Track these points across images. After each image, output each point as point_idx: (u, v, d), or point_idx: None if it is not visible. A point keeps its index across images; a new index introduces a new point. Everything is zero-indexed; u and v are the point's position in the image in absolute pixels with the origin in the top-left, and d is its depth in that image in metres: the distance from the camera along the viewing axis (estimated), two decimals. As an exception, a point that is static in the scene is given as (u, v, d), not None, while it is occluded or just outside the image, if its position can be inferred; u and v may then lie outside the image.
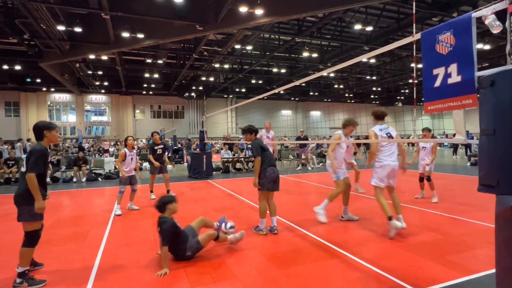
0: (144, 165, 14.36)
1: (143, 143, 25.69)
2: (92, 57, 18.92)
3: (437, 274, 3.16)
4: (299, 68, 25.07)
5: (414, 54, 3.54)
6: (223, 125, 37.11)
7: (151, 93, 34.24)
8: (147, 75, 25.69)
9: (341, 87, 33.16)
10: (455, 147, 18.82)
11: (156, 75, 26.48)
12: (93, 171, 11.67)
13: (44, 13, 12.04)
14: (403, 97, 39.60)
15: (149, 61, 21.98)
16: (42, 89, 30.65)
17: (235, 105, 18.83)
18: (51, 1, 11.31)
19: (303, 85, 31.80)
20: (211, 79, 29.16)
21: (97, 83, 28.45)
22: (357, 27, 14.91)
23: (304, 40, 18.56)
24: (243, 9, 11.07)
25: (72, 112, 34.10)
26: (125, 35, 13.60)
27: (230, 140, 21.17)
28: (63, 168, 11.48)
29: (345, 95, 37.58)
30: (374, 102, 43.94)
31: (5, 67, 21.39)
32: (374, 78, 29.12)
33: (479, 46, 17.30)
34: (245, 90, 33.50)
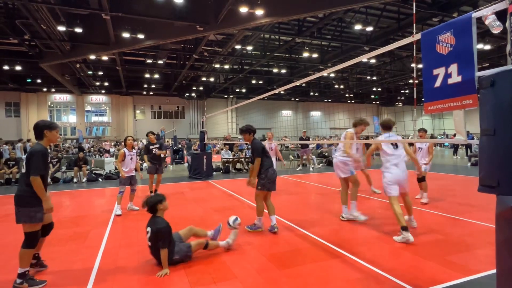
0: (144, 165, 14.34)
1: (142, 143, 25.68)
2: (92, 57, 18.93)
3: (438, 274, 3.16)
4: (299, 68, 25.07)
5: (414, 54, 3.54)
6: (223, 125, 37.12)
7: (151, 93, 34.26)
8: (147, 76, 25.73)
9: (341, 87, 33.16)
10: (455, 148, 18.82)
11: (156, 76, 26.51)
12: (94, 172, 11.69)
13: (44, 14, 12.06)
14: (403, 97, 39.59)
15: (149, 61, 22.00)
16: (42, 89, 30.68)
17: (235, 106, 18.85)
18: (52, 1, 11.33)
19: (304, 85, 31.81)
20: (212, 79, 29.17)
21: (98, 84, 28.47)
22: (357, 27, 14.92)
23: (304, 40, 18.56)
24: (244, 10, 11.08)
25: (72, 112, 34.12)
26: (126, 35, 13.62)
27: (230, 140, 21.18)
28: (64, 168, 11.49)
29: (345, 95, 37.56)
30: (374, 102, 43.94)
31: (6, 67, 21.39)
32: (374, 78, 29.11)
33: (480, 46, 17.27)
34: (245, 90, 33.51)
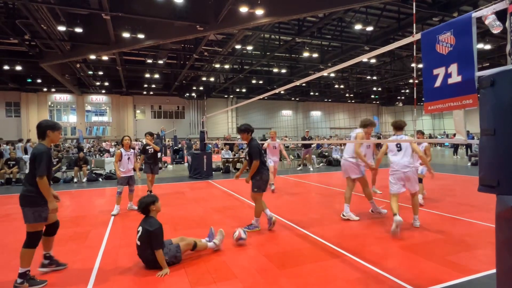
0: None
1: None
2: (92, 57, 18.94)
3: (438, 274, 3.16)
4: (299, 68, 25.07)
5: (414, 54, 3.53)
6: (223, 125, 37.12)
7: (151, 93, 34.26)
8: (147, 76, 25.74)
9: (342, 87, 33.16)
10: (455, 147, 18.81)
11: (156, 75, 26.51)
12: (94, 172, 11.68)
13: (44, 14, 12.07)
14: (403, 97, 39.58)
15: (149, 61, 22.02)
16: (42, 89, 30.69)
17: (236, 105, 18.85)
18: (52, 1, 11.33)
19: (304, 85, 31.80)
20: (212, 79, 29.17)
21: (98, 84, 28.48)
22: (358, 27, 14.92)
23: (304, 40, 18.56)
24: (244, 9, 11.08)
25: (72, 112, 34.13)
26: (126, 35, 13.62)
27: (230, 140, 21.19)
28: (64, 168, 11.49)
29: (345, 95, 37.56)
30: (374, 102, 43.93)
31: (6, 67, 21.40)
32: (374, 78, 29.11)
33: (480, 46, 17.26)
34: (245, 90, 33.51)
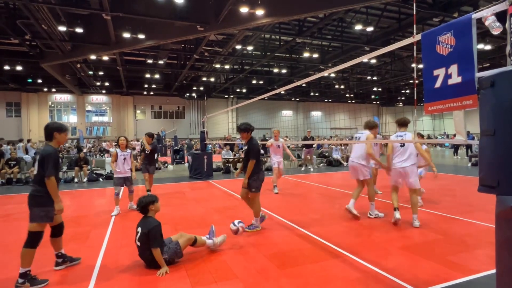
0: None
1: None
2: (93, 57, 18.94)
3: (438, 274, 3.16)
4: (299, 68, 25.07)
5: (414, 54, 3.53)
6: (223, 125, 37.13)
7: (152, 93, 34.27)
8: (148, 76, 25.75)
9: (342, 87, 33.15)
10: (456, 148, 18.81)
11: (157, 76, 26.53)
12: (94, 172, 11.69)
13: (45, 14, 12.08)
14: (403, 98, 39.56)
15: (150, 61, 22.04)
16: (43, 89, 30.71)
17: (236, 106, 18.85)
18: (53, 1, 11.34)
19: (304, 85, 31.79)
20: (212, 79, 29.19)
21: (98, 84, 28.50)
22: (358, 27, 14.94)
23: (305, 40, 18.57)
24: (244, 10, 11.09)
25: (73, 112, 34.16)
26: (126, 35, 13.64)
27: (231, 140, 21.19)
28: (65, 168, 11.51)
29: (346, 95, 37.54)
30: (375, 102, 43.92)
31: (7, 67, 21.42)
32: (375, 78, 29.10)
33: (480, 46, 17.27)
34: (245, 90, 33.51)
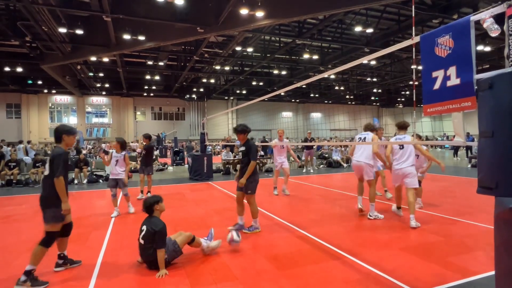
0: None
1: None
2: (93, 59, 18.97)
3: (438, 275, 3.16)
4: (299, 70, 25.10)
5: (413, 56, 3.54)
6: (223, 127, 37.12)
7: (152, 95, 34.29)
8: (148, 77, 25.76)
9: (342, 88, 33.17)
10: (456, 149, 18.82)
11: (157, 77, 26.55)
12: (94, 173, 11.69)
13: (45, 16, 12.11)
14: (403, 99, 39.58)
15: (150, 63, 22.05)
16: (43, 91, 30.71)
17: (236, 107, 18.85)
18: (53, 3, 11.37)
19: (304, 87, 31.83)
20: (212, 81, 29.19)
21: (98, 85, 28.51)
22: (358, 29, 14.96)
23: (304, 42, 18.60)
24: (244, 11, 11.11)
25: (73, 114, 34.17)
26: (126, 37, 13.66)
27: (230, 142, 21.20)
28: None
29: (345, 96, 37.56)
30: (374, 104, 43.94)
31: (7, 69, 21.42)
32: (374, 79, 29.12)
33: (480, 47, 17.30)
34: (245, 92, 33.52)
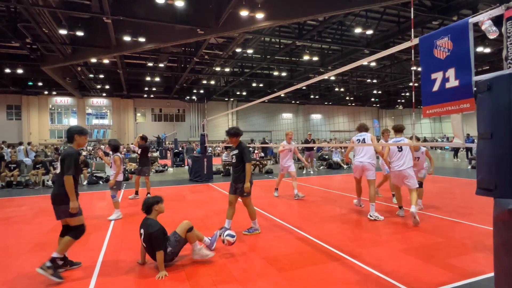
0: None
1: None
2: (93, 60, 19.00)
3: (438, 277, 3.16)
4: (299, 71, 25.14)
5: (413, 58, 3.56)
6: (224, 128, 37.06)
7: (152, 96, 34.34)
8: (148, 79, 25.81)
9: (342, 90, 33.22)
10: (456, 150, 18.81)
11: (157, 79, 26.59)
12: (94, 175, 11.69)
13: (46, 17, 12.15)
14: (403, 100, 39.62)
15: (150, 64, 22.10)
16: (43, 92, 30.79)
17: (236, 109, 18.89)
18: (53, 5, 11.41)
19: (304, 88, 31.85)
20: (212, 82, 29.25)
21: (99, 87, 28.57)
22: (358, 30, 15.00)
23: (304, 43, 18.63)
24: (244, 13, 11.14)
25: (73, 115, 34.24)
26: (127, 39, 13.69)
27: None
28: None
29: (345, 98, 37.60)
30: (374, 105, 43.97)
31: (7, 70, 21.49)
32: (374, 81, 29.16)
33: (480, 49, 17.32)
34: (246, 93, 33.55)
